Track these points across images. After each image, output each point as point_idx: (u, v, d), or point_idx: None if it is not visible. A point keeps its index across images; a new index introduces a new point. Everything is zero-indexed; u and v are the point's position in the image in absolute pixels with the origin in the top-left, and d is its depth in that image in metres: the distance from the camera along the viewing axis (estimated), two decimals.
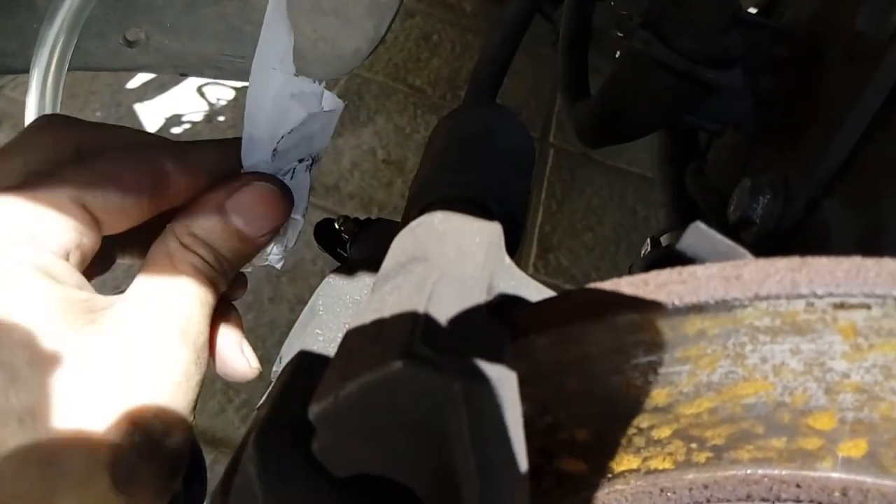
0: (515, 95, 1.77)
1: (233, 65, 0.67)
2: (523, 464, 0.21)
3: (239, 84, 1.57)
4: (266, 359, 0.39)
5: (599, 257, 1.54)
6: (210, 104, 1.52)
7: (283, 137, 0.33)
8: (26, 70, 0.59)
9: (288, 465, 0.23)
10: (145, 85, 1.49)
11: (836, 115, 0.37)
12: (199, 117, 1.49)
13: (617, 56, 0.56)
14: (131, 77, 1.50)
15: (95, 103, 1.44)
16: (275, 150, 0.33)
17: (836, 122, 0.37)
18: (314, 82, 0.35)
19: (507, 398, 0.21)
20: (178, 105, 1.49)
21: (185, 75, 0.68)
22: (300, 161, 0.35)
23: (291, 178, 0.35)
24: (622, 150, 1.75)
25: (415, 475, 0.22)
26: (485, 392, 0.20)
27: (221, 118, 1.51)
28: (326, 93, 0.35)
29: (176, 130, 1.45)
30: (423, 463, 0.22)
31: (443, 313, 0.22)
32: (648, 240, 0.43)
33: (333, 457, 0.22)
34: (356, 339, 0.23)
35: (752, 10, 0.64)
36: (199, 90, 1.53)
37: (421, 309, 0.22)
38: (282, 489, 0.23)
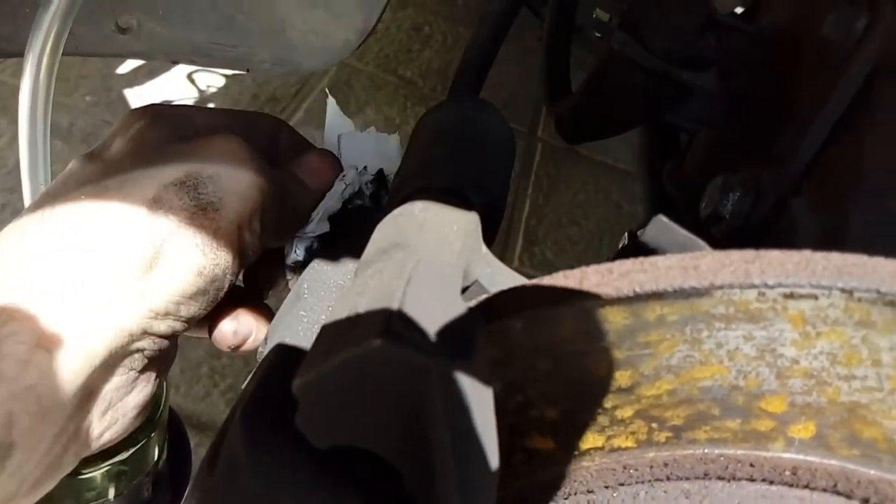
0: (504, 89, 1.78)
1: (224, 53, 0.67)
2: (493, 439, 0.23)
3: (229, 72, 1.57)
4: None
5: (584, 251, 1.56)
6: (200, 91, 1.52)
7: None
8: (20, 54, 0.59)
9: (272, 436, 0.24)
10: (135, 71, 1.49)
11: (805, 118, 0.39)
12: (188, 104, 1.49)
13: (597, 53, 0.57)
14: (122, 62, 1.49)
15: (85, 88, 1.44)
16: None
17: (804, 125, 0.39)
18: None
19: (478, 376, 0.23)
20: (168, 91, 1.49)
21: (176, 62, 0.69)
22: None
23: None
24: (608, 146, 1.76)
25: (392, 448, 0.23)
26: (458, 369, 0.22)
27: (211, 105, 1.52)
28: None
29: None
30: (399, 436, 0.23)
31: (420, 297, 0.24)
32: (626, 233, 0.45)
33: (315, 429, 0.23)
34: (338, 319, 0.24)
35: (739, 10, 0.65)
36: (190, 77, 1.53)
37: (400, 292, 0.23)
38: (266, 459, 0.24)
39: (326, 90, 0.42)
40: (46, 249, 0.31)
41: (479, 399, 0.22)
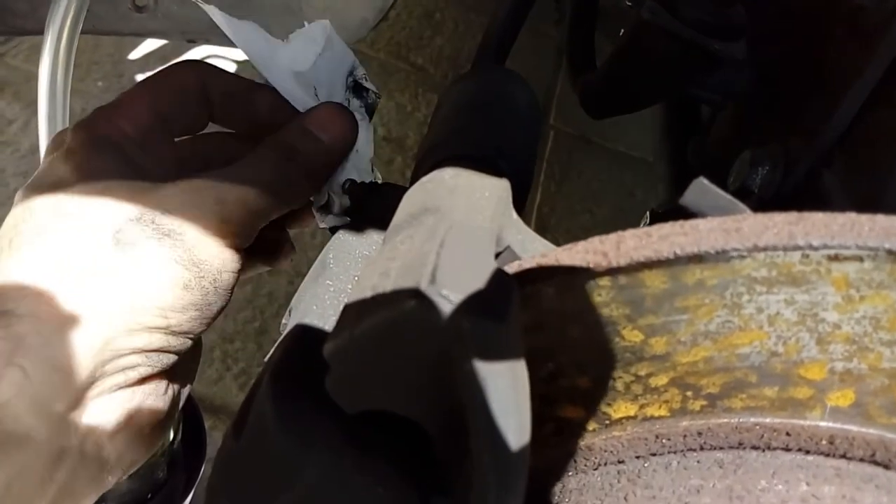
0: None
1: None
2: (527, 403, 0.22)
3: (241, 57, 1.56)
4: (264, 329, 0.41)
5: None
6: None
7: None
8: (36, 32, 0.59)
9: (301, 401, 0.24)
10: (147, 56, 1.49)
11: (838, 88, 0.38)
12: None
13: (622, 34, 0.57)
14: (133, 48, 1.49)
15: (97, 73, 1.44)
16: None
17: (837, 94, 0.38)
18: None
19: (514, 340, 0.22)
20: None
21: (192, 41, 0.69)
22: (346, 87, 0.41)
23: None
24: (621, 134, 1.75)
25: (424, 412, 0.23)
26: (492, 331, 0.21)
27: None
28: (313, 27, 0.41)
29: None
30: (432, 400, 0.23)
31: (454, 259, 0.23)
32: (648, 213, 0.44)
33: (346, 393, 0.23)
34: (370, 283, 0.24)
35: None
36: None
37: (433, 255, 0.23)
38: (295, 424, 0.24)
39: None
40: (19, 272, 0.32)
41: (514, 362, 0.22)
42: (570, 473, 0.28)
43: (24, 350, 0.30)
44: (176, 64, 0.41)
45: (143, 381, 0.35)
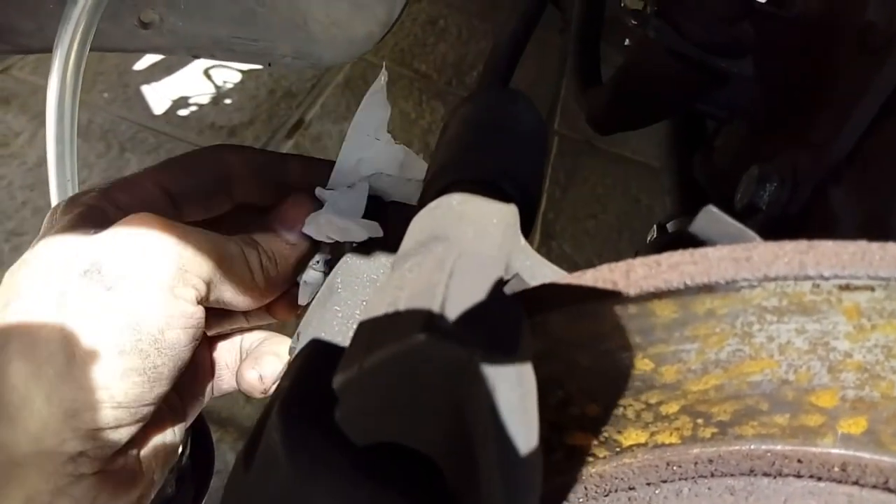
0: (520, 83, 1.76)
1: (245, 47, 0.67)
2: (536, 434, 0.22)
3: (245, 67, 1.57)
4: None
5: (602, 245, 1.55)
6: (217, 87, 1.53)
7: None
8: (41, 50, 0.60)
9: (311, 432, 0.24)
10: (152, 67, 1.50)
11: (846, 104, 0.38)
12: (205, 100, 1.50)
13: (626, 44, 0.57)
14: (138, 59, 1.50)
15: (102, 84, 1.45)
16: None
17: (845, 111, 0.38)
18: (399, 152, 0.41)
19: (523, 371, 0.22)
20: (185, 87, 1.49)
21: (197, 57, 0.69)
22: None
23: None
24: (626, 139, 1.75)
25: (434, 444, 0.23)
26: (503, 364, 0.21)
27: (228, 101, 1.52)
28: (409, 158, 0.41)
29: (182, 113, 1.46)
30: (442, 432, 0.23)
31: (463, 290, 0.23)
32: (655, 226, 0.44)
33: (355, 425, 0.23)
34: (378, 313, 0.24)
35: None
36: (206, 72, 1.53)
37: (442, 285, 0.23)
38: (305, 456, 0.24)
39: (384, 72, 0.39)
40: None
41: (524, 394, 0.22)
42: (581, 500, 0.28)
43: None
44: (196, 152, 0.40)
45: (100, 471, 0.32)
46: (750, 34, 0.44)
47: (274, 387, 0.39)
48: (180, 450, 0.69)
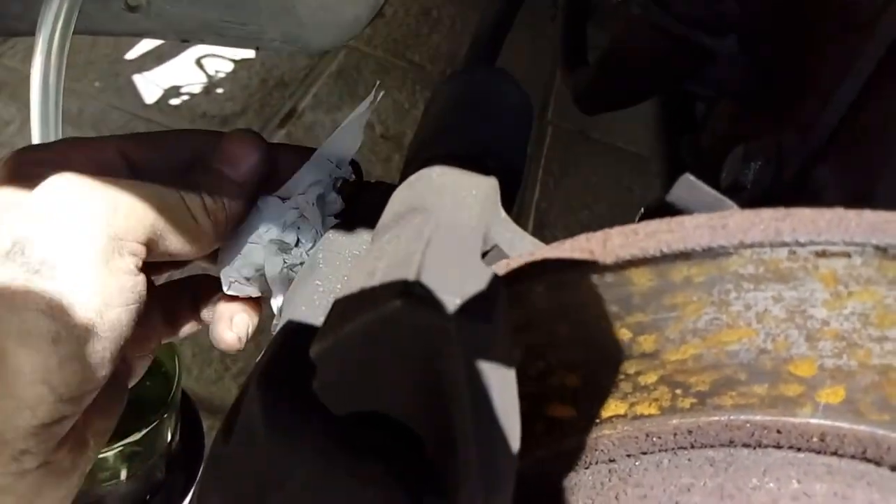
0: (514, 73, 1.76)
1: (233, 31, 0.67)
2: (515, 403, 0.22)
3: (238, 56, 1.56)
4: (262, 328, 0.41)
5: None
6: (209, 76, 1.52)
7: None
8: (30, 33, 0.59)
9: (289, 403, 0.24)
10: (144, 56, 1.49)
11: (830, 83, 0.38)
12: (197, 89, 1.49)
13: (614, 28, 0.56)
14: (130, 47, 1.49)
15: (93, 73, 1.44)
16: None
17: (829, 89, 0.38)
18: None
19: (500, 339, 0.22)
20: (176, 76, 1.48)
21: (186, 41, 0.68)
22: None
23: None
24: (619, 130, 1.75)
25: (412, 412, 0.23)
26: (479, 332, 0.21)
27: (220, 90, 1.51)
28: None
29: (174, 102, 1.45)
30: (419, 400, 0.23)
31: (440, 258, 0.23)
32: (642, 209, 0.44)
33: (333, 395, 0.23)
34: (356, 283, 0.24)
35: None
36: (198, 62, 1.52)
37: (419, 254, 0.23)
38: (283, 426, 0.24)
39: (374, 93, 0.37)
40: None
41: (501, 363, 0.22)
42: (561, 472, 0.28)
43: None
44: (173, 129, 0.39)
45: (43, 463, 0.30)
46: (735, 10, 0.44)
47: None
48: (170, 436, 0.69)
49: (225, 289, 0.38)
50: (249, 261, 0.37)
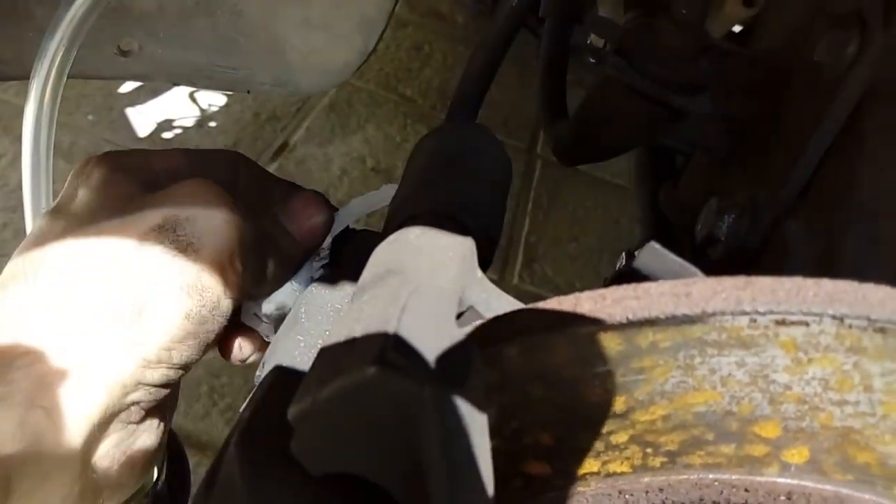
0: (503, 106, 1.79)
1: (224, 75, 0.68)
2: (489, 465, 0.23)
3: (230, 91, 1.58)
4: (251, 363, 0.41)
5: (583, 267, 1.56)
6: (202, 110, 1.53)
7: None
8: (20, 77, 0.60)
9: (268, 463, 0.25)
10: (137, 90, 1.50)
11: (799, 140, 0.39)
12: (190, 122, 1.50)
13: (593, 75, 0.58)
14: (123, 82, 1.51)
15: (87, 107, 1.45)
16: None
17: (798, 147, 0.39)
18: None
19: (473, 403, 0.23)
20: (169, 110, 1.50)
21: (177, 84, 0.70)
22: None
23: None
24: (607, 163, 1.77)
25: (388, 475, 0.23)
26: (452, 397, 0.22)
27: (213, 124, 1.53)
28: None
29: (167, 135, 1.46)
30: (395, 463, 0.23)
31: (415, 324, 0.24)
32: (623, 254, 0.45)
33: (311, 456, 0.23)
34: (334, 346, 0.25)
35: (737, 28, 0.65)
36: (191, 96, 1.54)
37: (395, 319, 0.24)
38: (262, 486, 0.24)
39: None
40: (35, 309, 0.31)
41: (474, 426, 0.22)
42: None
43: (43, 393, 0.30)
44: (217, 150, 0.42)
45: (142, 419, 0.35)
46: (707, 71, 0.45)
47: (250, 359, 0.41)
48: (155, 476, 0.68)
49: (242, 317, 0.40)
50: (273, 298, 0.39)
